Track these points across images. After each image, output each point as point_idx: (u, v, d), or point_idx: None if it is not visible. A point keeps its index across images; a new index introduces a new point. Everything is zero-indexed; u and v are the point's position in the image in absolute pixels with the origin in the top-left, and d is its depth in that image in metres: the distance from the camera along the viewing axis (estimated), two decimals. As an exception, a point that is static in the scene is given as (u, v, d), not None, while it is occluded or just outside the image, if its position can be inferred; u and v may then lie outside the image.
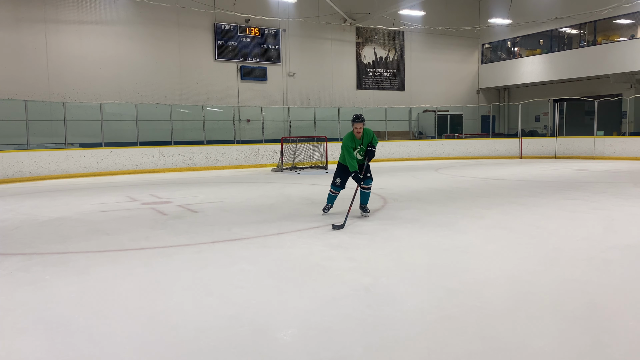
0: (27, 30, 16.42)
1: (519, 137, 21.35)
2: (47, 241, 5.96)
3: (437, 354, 2.84)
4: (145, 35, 18.32)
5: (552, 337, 3.02)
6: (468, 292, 3.84)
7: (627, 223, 6.41)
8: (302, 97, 21.25)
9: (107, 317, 3.46)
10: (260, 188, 11.24)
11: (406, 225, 6.48)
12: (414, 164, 18.20)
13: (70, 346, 3.01)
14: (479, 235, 5.87)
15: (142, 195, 10.08)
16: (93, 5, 17.39)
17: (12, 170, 14.05)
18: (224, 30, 19.60)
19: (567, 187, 10.25)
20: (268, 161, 18.25)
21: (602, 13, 19.70)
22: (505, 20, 22.99)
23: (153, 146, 16.69)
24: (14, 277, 4.42)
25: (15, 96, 15.76)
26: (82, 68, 17.26)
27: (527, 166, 16.12)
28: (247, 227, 6.48)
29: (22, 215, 7.95)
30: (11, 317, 3.50)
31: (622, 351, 2.86)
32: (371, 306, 3.57)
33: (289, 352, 2.89)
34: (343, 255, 4.96)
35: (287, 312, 3.50)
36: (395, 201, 8.60)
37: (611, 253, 4.92)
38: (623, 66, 19.94)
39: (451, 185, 11.12)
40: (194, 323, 3.29)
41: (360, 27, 22.55)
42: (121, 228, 6.64)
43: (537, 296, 3.73)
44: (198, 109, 18.42)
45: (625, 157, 18.18)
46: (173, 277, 4.36)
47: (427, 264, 4.65)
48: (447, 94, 24.90)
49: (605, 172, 13.49)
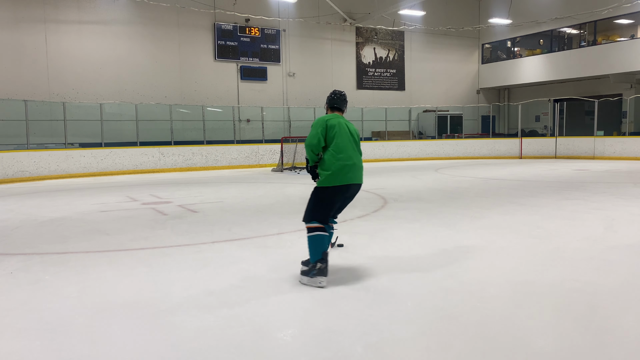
0: (27, 30, 16.41)
1: (519, 137, 21.34)
2: (47, 241, 5.96)
3: (437, 354, 2.84)
4: (145, 35, 18.32)
5: (552, 337, 3.02)
6: (468, 292, 3.84)
7: (627, 223, 6.41)
8: (302, 97, 21.24)
9: (107, 317, 3.46)
10: (260, 188, 11.24)
11: (406, 225, 6.47)
12: (414, 164, 18.20)
13: (70, 346, 3.01)
14: (479, 235, 5.86)
15: (142, 195, 10.08)
16: (93, 5, 17.39)
17: (12, 170, 14.05)
18: (224, 30, 19.60)
19: (567, 187, 10.25)
20: (268, 161, 18.25)
21: (602, 13, 19.70)
22: (505, 20, 22.98)
23: (153, 146, 16.69)
24: (14, 277, 4.42)
25: (15, 96, 15.75)
26: (82, 68, 17.25)
27: (527, 166, 16.11)
28: (247, 227, 6.48)
29: (22, 215, 7.94)
30: (11, 317, 3.50)
31: (622, 351, 2.86)
32: (371, 306, 3.57)
33: (289, 352, 2.89)
34: (343, 255, 4.96)
35: (287, 312, 3.50)
36: (395, 201, 8.60)
37: (611, 253, 4.92)
38: (623, 66, 19.94)
39: (451, 185, 11.11)
40: (194, 323, 3.29)
41: (360, 27, 22.54)
42: (121, 228, 6.64)
43: (537, 296, 3.73)
44: (198, 109, 18.41)
45: (625, 157, 18.17)
46: (173, 277, 4.36)
47: (427, 264, 4.65)
48: (447, 94, 24.89)
49: (605, 172, 13.49)
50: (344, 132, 4.21)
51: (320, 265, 3.97)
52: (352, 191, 4.25)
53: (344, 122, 4.31)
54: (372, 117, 21.70)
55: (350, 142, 4.22)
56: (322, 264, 3.98)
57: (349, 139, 4.22)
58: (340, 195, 4.17)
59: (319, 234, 4.07)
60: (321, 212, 4.13)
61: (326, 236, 4.12)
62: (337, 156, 4.12)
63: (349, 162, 4.13)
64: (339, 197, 4.18)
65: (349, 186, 4.15)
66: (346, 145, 4.17)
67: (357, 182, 4.22)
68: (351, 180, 4.15)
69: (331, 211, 4.21)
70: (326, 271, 4.00)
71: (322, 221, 4.12)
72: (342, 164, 4.10)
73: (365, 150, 20.46)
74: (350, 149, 4.19)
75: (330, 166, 4.10)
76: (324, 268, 3.98)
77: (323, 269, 3.98)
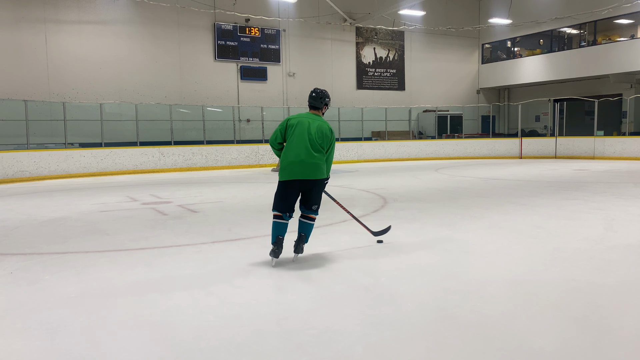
0: (27, 30, 16.42)
1: (519, 137, 21.34)
2: (47, 241, 5.96)
3: (437, 354, 2.84)
4: (145, 35, 18.32)
5: (552, 337, 3.02)
6: (468, 292, 3.84)
7: (627, 223, 6.41)
8: (302, 97, 21.23)
9: (107, 317, 3.46)
10: (260, 188, 11.24)
11: (406, 225, 6.47)
12: (414, 164, 18.20)
13: (70, 346, 3.01)
14: (479, 235, 5.86)
15: (142, 195, 10.08)
16: (93, 5, 17.39)
17: (12, 170, 14.05)
18: (224, 30, 19.60)
19: (567, 187, 10.25)
20: (268, 161, 18.25)
21: (602, 13, 19.70)
22: (505, 20, 22.99)
23: (153, 146, 16.69)
24: (14, 277, 4.42)
25: (15, 96, 15.75)
26: (82, 68, 17.25)
27: (527, 166, 16.11)
28: (247, 227, 6.48)
29: (22, 215, 7.94)
30: (11, 317, 3.50)
31: (622, 351, 2.86)
32: (371, 306, 3.57)
33: (289, 352, 2.89)
34: (343, 255, 4.96)
35: (287, 312, 3.50)
36: (395, 201, 8.59)
37: (611, 253, 4.92)
38: (623, 66, 19.94)
39: (451, 185, 11.11)
40: (194, 323, 3.29)
41: (360, 27, 22.54)
42: (121, 228, 6.64)
43: (537, 296, 3.73)
44: (198, 109, 18.41)
45: (625, 157, 18.17)
46: (173, 277, 4.36)
47: (427, 264, 4.65)
48: (447, 94, 24.89)
49: (605, 172, 13.49)
50: (302, 131, 4.60)
51: (274, 248, 4.58)
52: (304, 186, 4.64)
53: (308, 122, 4.66)
54: (372, 117, 21.70)
55: (304, 141, 4.57)
56: (274, 246, 4.58)
57: (304, 138, 4.58)
58: (291, 189, 4.64)
59: (275, 221, 4.66)
60: (277, 202, 4.69)
61: (282, 223, 4.65)
62: (287, 153, 4.63)
63: (296, 160, 4.54)
64: (290, 191, 4.65)
65: (294, 181, 4.59)
66: (298, 144, 4.57)
67: (305, 178, 4.57)
68: (297, 175, 4.56)
69: (286, 202, 4.66)
70: (277, 253, 4.57)
71: (280, 210, 4.64)
72: (289, 161, 4.58)
73: (365, 150, 20.65)
74: (301, 147, 4.56)
75: (282, 162, 4.67)
76: (276, 250, 4.57)
77: (275, 250, 4.57)
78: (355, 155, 20.15)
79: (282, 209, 4.64)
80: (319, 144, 4.60)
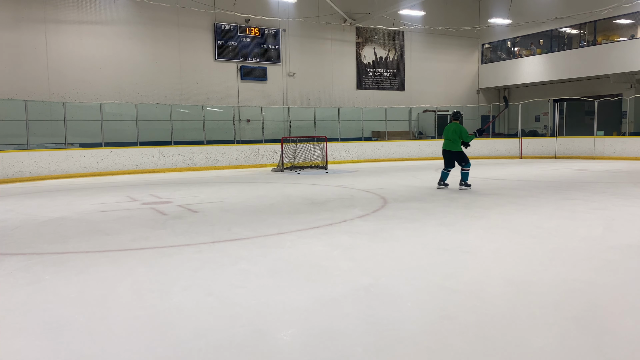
0: (27, 30, 16.42)
1: (519, 137, 21.35)
2: (47, 241, 5.96)
3: (437, 354, 2.84)
4: (145, 35, 18.32)
5: (552, 337, 3.02)
6: (468, 292, 3.84)
7: (627, 223, 6.41)
8: (302, 97, 21.25)
9: (107, 317, 3.46)
10: (260, 188, 11.24)
11: (406, 225, 6.47)
12: (414, 164, 18.20)
13: (70, 346, 3.01)
14: (479, 235, 5.87)
15: (142, 195, 10.08)
16: (93, 5, 17.40)
17: (12, 170, 14.06)
18: (224, 30, 19.60)
19: (567, 187, 10.25)
20: (268, 161, 18.25)
21: (602, 13, 19.70)
22: (505, 20, 22.99)
23: (153, 146, 16.69)
24: (14, 277, 4.42)
25: (15, 96, 15.76)
26: (82, 68, 17.26)
27: (527, 166, 16.12)
28: (247, 227, 6.48)
29: (22, 215, 7.94)
30: (11, 317, 3.50)
31: (622, 351, 2.86)
32: (371, 306, 3.57)
33: (289, 352, 2.89)
34: (343, 255, 4.96)
35: (287, 312, 3.50)
36: (395, 201, 8.60)
37: (611, 253, 4.92)
38: (623, 66, 19.94)
39: (451, 185, 11.11)
40: (194, 323, 3.29)
41: (360, 27, 22.55)
42: (121, 228, 6.64)
43: (537, 296, 3.73)
44: (198, 109, 18.42)
45: (625, 157, 18.18)
46: (173, 277, 4.36)
47: (427, 264, 4.65)
48: (447, 94, 24.90)
49: (605, 172, 13.49)
50: (446, 130, 10.39)
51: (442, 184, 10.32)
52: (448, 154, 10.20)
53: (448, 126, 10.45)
54: (372, 117, 21.71)
55: (445, 134, 10.39)
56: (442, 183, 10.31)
57: (446, 133, 10.36)
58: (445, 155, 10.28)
59: (443, 171, 10.28)
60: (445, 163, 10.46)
61: (446, 172, 10.26)
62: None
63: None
64: (445, 155, 10.25)
65: (445, 151, 10.26)
66: (445, 135, 10.46)
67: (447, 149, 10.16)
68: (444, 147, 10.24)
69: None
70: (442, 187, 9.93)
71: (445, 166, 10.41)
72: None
73: (366, 150, 20.69)
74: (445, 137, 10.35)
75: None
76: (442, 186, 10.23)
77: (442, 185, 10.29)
78: (356, 155, 20.15)
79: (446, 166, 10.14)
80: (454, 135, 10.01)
